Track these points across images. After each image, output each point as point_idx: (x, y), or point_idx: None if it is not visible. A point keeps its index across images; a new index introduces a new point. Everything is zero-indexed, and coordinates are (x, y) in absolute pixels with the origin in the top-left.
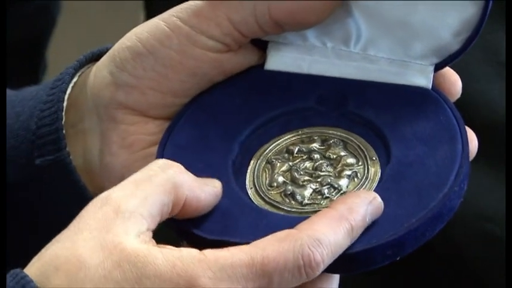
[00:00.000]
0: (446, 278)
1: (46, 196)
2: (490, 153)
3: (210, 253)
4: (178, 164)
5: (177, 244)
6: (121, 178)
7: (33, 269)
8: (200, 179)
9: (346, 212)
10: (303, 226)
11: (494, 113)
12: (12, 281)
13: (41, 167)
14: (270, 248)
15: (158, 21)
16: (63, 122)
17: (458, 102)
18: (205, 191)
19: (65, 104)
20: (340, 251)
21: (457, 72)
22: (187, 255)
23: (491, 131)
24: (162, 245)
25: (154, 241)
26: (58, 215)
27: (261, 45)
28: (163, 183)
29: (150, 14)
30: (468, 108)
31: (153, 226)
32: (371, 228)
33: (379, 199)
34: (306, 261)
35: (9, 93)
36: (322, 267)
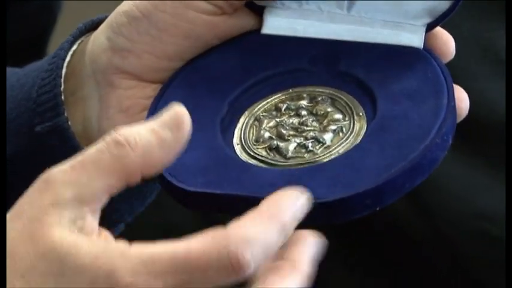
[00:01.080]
0: (444, 277)
1: (46, 163)
2: (489, 153)
3: (135, 247)
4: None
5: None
6: None
7: None
8: (158, 128)
9: (275, 211)
10: (232, 227)
11: (494, 112)
12: None
13: (41, 134)
14: (194, 245)
15: None
16: (61, 89)
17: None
18: (165, 149)
19: (63, 71)
20: (272, 250)
21: (456, 71)
22: (112, 248)
23: (490, 130)
24: (97, 234)
25: (94, 225)
26: None
27: (257, 10)
28: (111, 164)
29: None
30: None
31: (99, 206)
32: (350, 178)
33: (305, 195)
34: (233, 261)
35: (17, 69)
36: (252, 266)
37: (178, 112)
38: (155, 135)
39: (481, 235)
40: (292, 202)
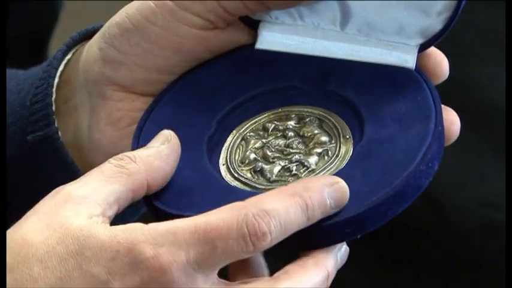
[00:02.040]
0: (449, 266)
1: (37, 172)
2: (493, 138)
3: (153, 224)
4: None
5: None
6: (108, 154)
7: None
8: (153, 147)
9: (300, 189)
10: (250, 199)
11: (502, 98)
12: None
13: (32, 143)
14: (214, 216)
15: None
16: (53, 98)
17: (460, 87)
18: (164, 158)
19: (56, 80)
20: (292, 227)
21: (459, 56)
22: (130, 226)
23: (493, 116)
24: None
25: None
26: (48, 191)
27: (252, 25)
28: (117, 175)
29: None
30: (471, 92)
31: (110, 213)
32: None
33: (343, 184)
34: (250, 230)
35: (18, 72)
36: (269, 239)
37: (162, 132)
38: (150, 149)
39: (486, 223)
40: (322, 186)
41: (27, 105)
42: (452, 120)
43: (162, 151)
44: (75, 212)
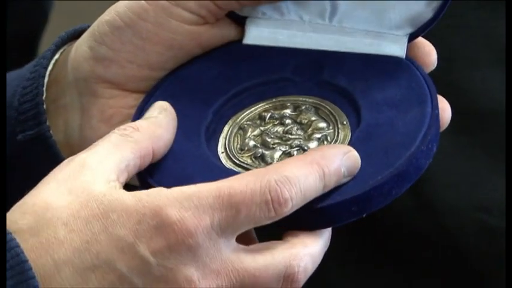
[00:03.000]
0: (443, 270)
1: (28, 172)
2: (487, 142)
3: (176, 188)
4: (131, 124)
5: None
6: None
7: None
8: (151, 117)
9: (318, 157)
10: (272, 166)
11: (495, 101)
12: None
13: (22, 143)
14: (237, 181)
15: None
16: (43, 97)
17: (453, 90)
18: (164, 126)
19: (46, 79)
20: (311, 194)
21: (459, 59)
22: (153, 190)
23: (490, 120)
24: None
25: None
26: None
27: (239, 21)
28: (124, 142)
29: None
30: (464, 96)
31: (122, 179)
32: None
33: (355, 152)
34: (273, 196)
35: None
36: (290, 205)
37: (157, 103)
38: (151, 119)
39: (480, 227)
40: (339, 154)
41: (15, 106)
42: (443, 107)
43: (162, 119)
44: (93, 178)
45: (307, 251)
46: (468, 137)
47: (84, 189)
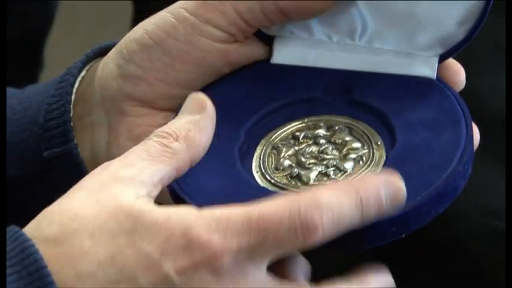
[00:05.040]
0: (450, 274)
1: (54, 189)
2: (496, 147)
3: (206, 209)
4: (170, 132)
5: None
6: None
7: (29, 225)
8: (191, 115)
9: (357, 185)
10: (305, 191)
11: (504, 106)
12: (7, 235)
13: (48, 160)
14: (267, 206)
15: (165, 14)
16: (71, 115)
17: (465, 94)
18: (203, 129)
19: (73, 97)
20: (346, 223)
21: (465, 64)
22: (183, 209)
23: (498, 125)
24: None
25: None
26: None
27: (267, 40)
28: (161, 154)
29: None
30: (476, 101)
31: (155, 193)
32: None
33: (399, 182)
34: (302, 222)
35: (16, 91)
36: (321, 232)
37: (196, 97)
38: (189, 123)
39: (487, 231)
40: (380, 183)
41: (40, 123)
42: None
43: (200, 122)
44: (123, 191)
45: None
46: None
47: (113, 200)
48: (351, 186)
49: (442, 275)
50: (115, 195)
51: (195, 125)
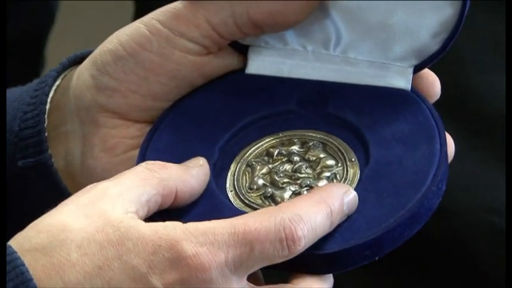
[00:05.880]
0: (453, 271)
1: (28, 198)
2: (496, 145)
3: (192, 223)
4: (160, 162)
5: None
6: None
7: (16, 235)
8: (184, 164)
9: (325, 196)
10: (284, 205)
11: (502, 104)
12: None
13: (23, 169)
14: (252, 219)
15: (138, 25)
16: (45, 125)
17: (462, 93)
18: (194, 175)
19: (47, 106)
20: (321, 233)
21: (468, 63)
22: (169, 223)
23: (498, 123)
24: None
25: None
26: (38, 216)
27: (241, 50)
28: (149, 177)
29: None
30: (476, 99)
31: (142, 213)
32: (349, 228)
33: (353, 192)
34: (287, 234)
35: None
36: (303, 244)
37: (198, 158)
38: (182, 167)
39: (488, 228)
40: (342, 193)
41: (15, 130)
42: (448, 143)
43: (192, 170)
44: (112, 206)
45: None
46: (478, 139)
47: (101, 215)
48: (321, 197)
49: (442, 272)
50: (104, 210)
51: (187, 168)
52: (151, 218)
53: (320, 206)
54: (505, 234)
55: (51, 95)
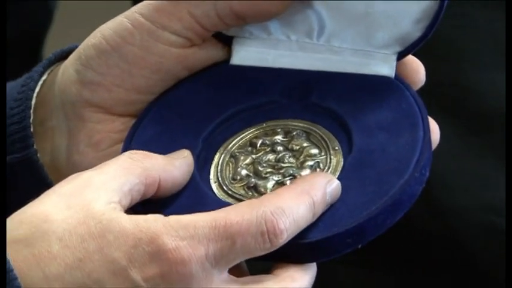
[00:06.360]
0: (451, 270)
1: (15, 193)
2: (496, 144)
3: (173, 216)
4: (143, 151)
5: None
6: None
7: None
8: (168, 156)
9: (307, 187)
10: (266, 197)
11: (504, 102)
12: None
13: (9, 164)
14: (233, 212)
15: (121, 19)
16: (31, 120)
17: (461, 92)
18: (177, 166)
19: (33, 102)
20: (303, 224)
21: (461, 61)
22: (150, 216)
23: (498, 122)
24: None
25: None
26: None
27: (226, 41)
28: (132, 167)
29: None
30: (475, 97)
31: (125, 202)
32: (331, 216)
33: (336, 181)
34: (269, 227)
35: None
36: (285, 236)
37: (183, 150)
38: (166, 157)
39: (487, 227)
40: (325, 183)
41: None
42: (433, 129)
43: (176, 161)
44: (95, 196)
45: (294, 285)
46: (477, 138)
47: (83, 206)
48: (303, 188)
49: (441, 271)
50: (86, 201)
51: (170, 159)
52: (134, 208)
53: (302, 197)
54: (505, 233)
55: (37, 90)
